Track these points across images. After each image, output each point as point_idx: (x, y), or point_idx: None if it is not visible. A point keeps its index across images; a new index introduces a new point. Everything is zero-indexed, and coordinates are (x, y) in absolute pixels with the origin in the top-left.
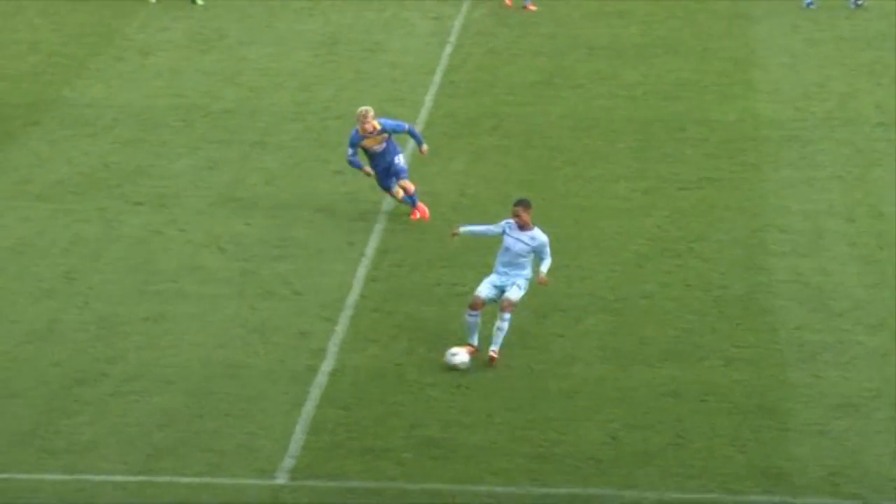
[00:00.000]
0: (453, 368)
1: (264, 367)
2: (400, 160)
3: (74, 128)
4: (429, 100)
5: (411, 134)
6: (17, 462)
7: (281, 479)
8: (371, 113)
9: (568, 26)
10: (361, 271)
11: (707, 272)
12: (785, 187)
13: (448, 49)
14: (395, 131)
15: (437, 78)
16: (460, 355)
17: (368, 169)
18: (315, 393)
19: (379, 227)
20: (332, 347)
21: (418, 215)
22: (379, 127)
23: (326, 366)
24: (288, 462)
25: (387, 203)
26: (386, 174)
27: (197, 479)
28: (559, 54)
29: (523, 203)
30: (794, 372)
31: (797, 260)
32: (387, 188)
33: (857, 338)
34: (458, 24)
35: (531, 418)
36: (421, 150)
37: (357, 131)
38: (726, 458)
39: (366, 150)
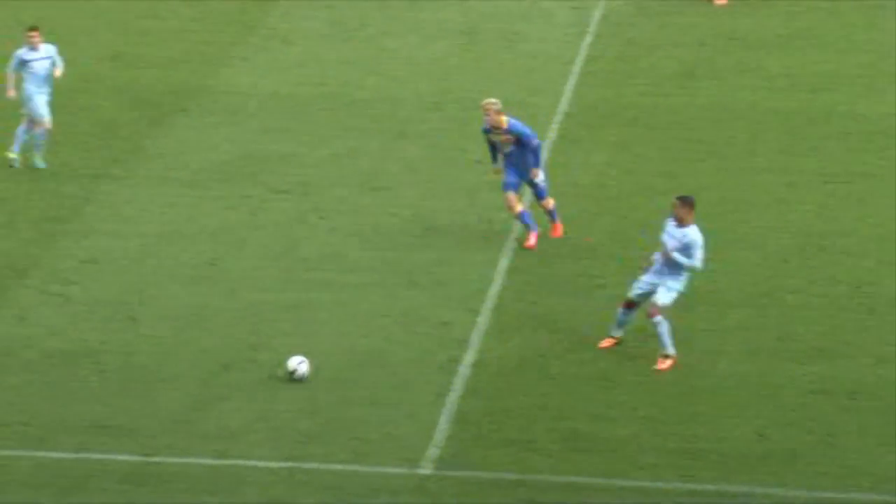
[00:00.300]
0: (292, 375)
1: (408, 356)
2: (538, 177)
3: (220, 115)
4: (568, 90)
5: (532, 150)
6: (168, 446)
7: (426, 469)
8: (494, 106)
9: (709, 16)
10: (503, 262)
11: (855, 268)
12: None
13: (588, 39)
14: (519, 136)
15: (577, 68)
16: (301, 366)
17: (498, 165)
18: (459, 383)
19: None
20: (475, 338)
21: (558, 231)
22: (505, 125)
23: (469, 356)
24: (433, 452)
25: (527, 194)
26: (513, 175)
27: (343, 467)
28: (700, 45)
29: (682, 199)
30: None
31: None
32: (505, 188)
33: None
34: (598, 13)
35: (677, 413)
36: (531, 173)
37: (486, 122)
38: (877, 458)
39: (494, 146)
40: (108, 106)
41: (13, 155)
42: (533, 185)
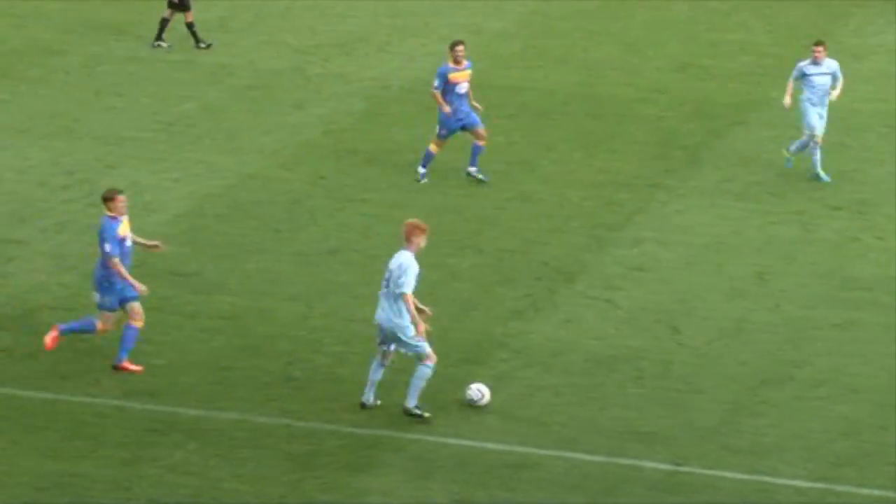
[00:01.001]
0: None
1: None
2: None
3: (778, 129)
4: None
5: None
6: (699, 456)
7: None
8: None
9: None
10: None
11: None
12: None
13: None
14: None
15: None
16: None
17: None
18: None
19: None
20: None
21: None
22: None
23: None
24: None
25: None
26: None
27: (878, 492)
28: None
29: None
30: None
31: None
32: None
33: None
34: None
35: None
36: None
37: None
38: None
39: None
40: (669, 116)
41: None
42: None
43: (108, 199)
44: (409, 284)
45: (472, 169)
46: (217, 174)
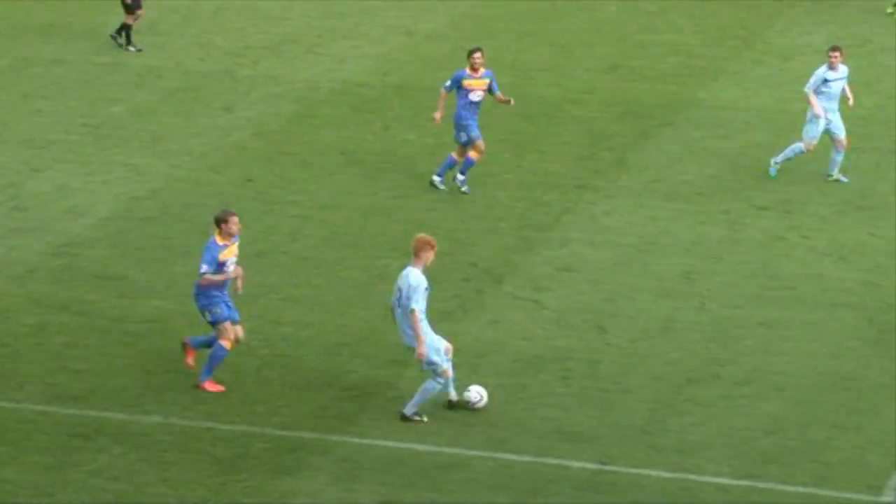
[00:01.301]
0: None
1: (877, 380)
2: None
3: (706, 129)
4: None
5: None
6: (625, 455)
7: (888, 497)
8: None
9: None
10: None
11: None
12: None
13: None
14: None
15: None
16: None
17: None
18: None
19: None
20: None
21: None
22: None
23: None
24: None
25: None
26: None
27: (802, 489)
28: None
29: None
30: None
31: None
32: None
33: None
34: None
35: None
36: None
37: None
38: None
39: None
40: (598, 117)
41: None
42: None
43: (220, 220)
44: (416, 301)
45: (460, 178)
46: (145, 177)
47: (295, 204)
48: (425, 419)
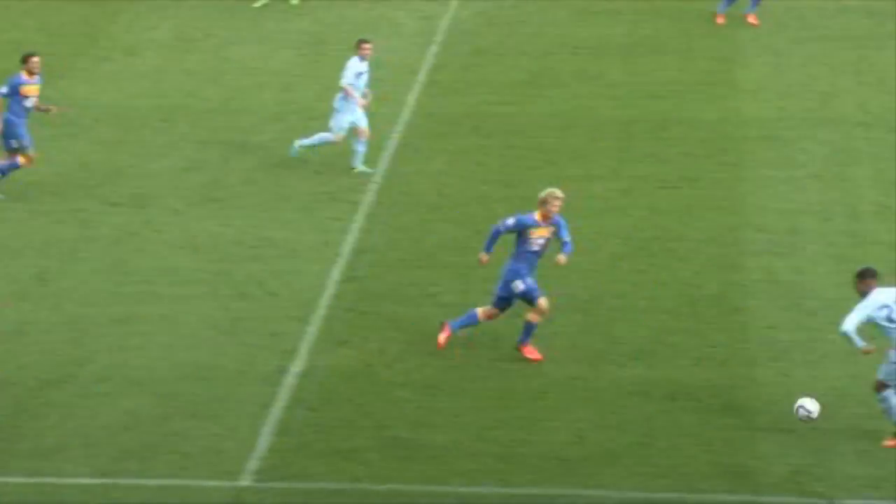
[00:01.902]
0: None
1: (234, 368)
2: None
3: (55, 128)
4: (411, 99)
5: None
6: None
7: (245, 481)
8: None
9: (555, 25)
10: (336, 272)
11: (681, 271)
12: (763, 186)
13: (434, 48)
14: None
15: (422, 77)
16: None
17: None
18: (284, 394)
19: (355, 227)
20: (304, 348)
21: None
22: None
23: (297, 367)
24: (253, 464)
25: (365, 203)
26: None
27: (161, 482)
28: (545, 54)
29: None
30: (763, 371)
31: (772, 259)
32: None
33: (828, 336)
34: (445, 23)
35: (499, 418)
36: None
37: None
38: (691, 457)
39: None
40: None
41: None
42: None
43: None
44: None
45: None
46: None
47: None
48: None
